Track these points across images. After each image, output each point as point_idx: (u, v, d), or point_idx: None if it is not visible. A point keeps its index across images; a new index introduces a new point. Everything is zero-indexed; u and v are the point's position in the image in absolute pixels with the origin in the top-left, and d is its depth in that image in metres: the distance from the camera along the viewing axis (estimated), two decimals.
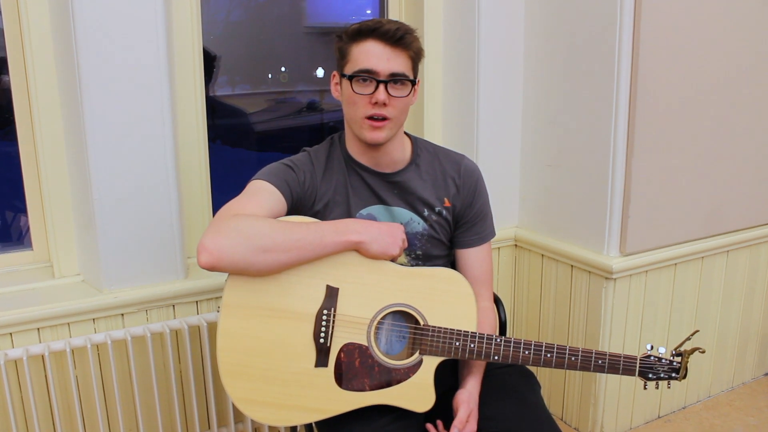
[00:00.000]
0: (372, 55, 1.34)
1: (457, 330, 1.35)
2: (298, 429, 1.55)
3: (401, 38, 1.33)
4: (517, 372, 1.52)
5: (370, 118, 1.36)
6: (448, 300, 1.37)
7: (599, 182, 2.10)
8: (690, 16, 2.07)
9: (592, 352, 1.36)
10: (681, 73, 2.10)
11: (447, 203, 1.51)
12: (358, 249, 1.33)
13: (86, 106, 1.66)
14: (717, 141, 2.27)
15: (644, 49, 1.98)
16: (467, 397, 1.38)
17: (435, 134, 2.37)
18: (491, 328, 1.53)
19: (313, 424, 1.42)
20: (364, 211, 1.47)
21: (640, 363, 1.37)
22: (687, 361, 1.38)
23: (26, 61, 1.74)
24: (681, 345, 1.40)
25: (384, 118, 1.36)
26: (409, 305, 1.35)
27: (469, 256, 1.54)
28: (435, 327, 1.35)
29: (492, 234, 1.58)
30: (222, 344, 1.29)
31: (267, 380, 1.30)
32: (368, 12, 2.48)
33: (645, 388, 1.42)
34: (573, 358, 1.36)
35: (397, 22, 1.37)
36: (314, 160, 1.48)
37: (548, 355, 1.36)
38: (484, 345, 1.35)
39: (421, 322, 1.35)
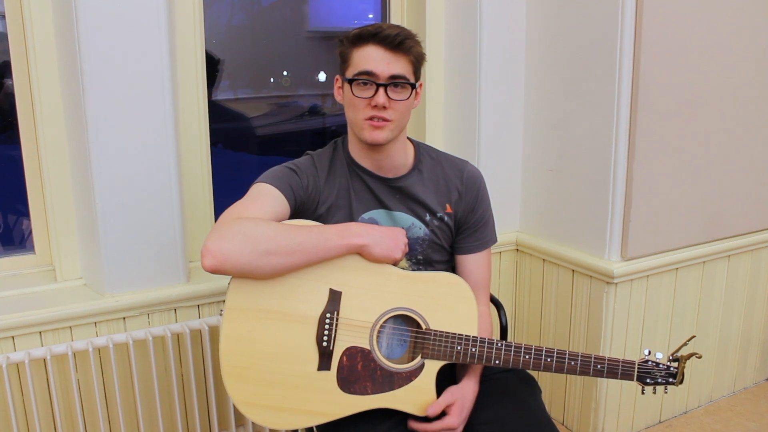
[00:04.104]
0: (372, 58, 1.34)
1: (459, 334, 1.35)
2: None
3: (401, 43, 1.34)
4: (517, 376, 1.52)
5: (371, 119, 1.37)
6: (450, 304, 1.38)
7: (600, 187, 2.11)
8: (691, 21, 2.08)
9: (591, 357, 1.36)
10: (682, 78, 2.11)
11: (449, 209, 1.51)
12: (361, 252, 1.33)
13: (89, 110, 1.66)
14: (718, 146, 2.27)
15: (645, 54, 1.98)
16: (454, 389, 1.39)
17: (437, 138, 2.37)
18: (489, 332, 1.53)
19: (315, 428, 1.42)
20: (366, 215, 1.47)
21: (638, 368, 1.37)
22: (684, 367, 1.38)
23: (29, 66, 1.75)
24: (678, 350, 1.41)
25: (384, 120, 1.37)
26: (411, 309, 1.36)
27: (469, 261, 1.54)
28: (437, 331, 1.35)
29: (493, 240, 1.58)
30: (225, 347, 1.29)
31: (269, 383, 1.30)
32: (370, 16, 2.49)
33: (643, 393, 1.42)
34: (572, 363, 1.36)
35: (398, 26, 1.38)
36: (317, 163, 1.48)
37: (548, 360, 1.36)
38: (485, 349, 1.36)
39: (423, 326, 1.36)
